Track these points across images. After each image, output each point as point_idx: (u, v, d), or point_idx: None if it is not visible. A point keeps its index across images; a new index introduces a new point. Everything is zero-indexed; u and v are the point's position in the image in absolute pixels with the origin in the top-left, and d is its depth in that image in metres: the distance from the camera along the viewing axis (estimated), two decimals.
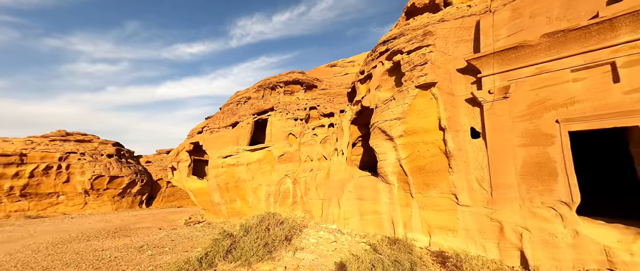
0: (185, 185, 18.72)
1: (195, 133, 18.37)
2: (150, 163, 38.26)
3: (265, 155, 14.31)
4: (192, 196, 19.01)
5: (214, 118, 18.97)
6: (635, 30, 5.30)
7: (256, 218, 9.12)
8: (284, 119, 15.26)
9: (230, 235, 7.94)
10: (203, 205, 18.50)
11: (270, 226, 8.25)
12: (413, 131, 7.61)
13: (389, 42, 11.08)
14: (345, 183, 10.57)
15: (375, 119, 8.56)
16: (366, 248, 7.51)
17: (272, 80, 18.59)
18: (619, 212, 7.41)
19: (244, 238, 7.29)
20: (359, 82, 11.87)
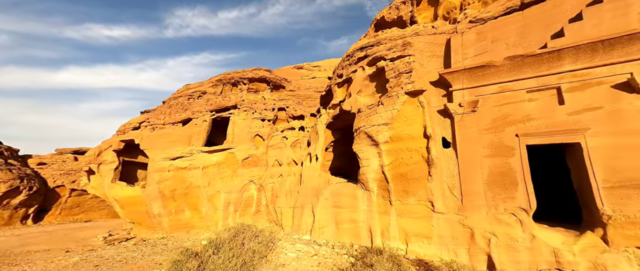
0: (109, 192, 14.77)
1: (129, 129, 14.84)
2: (46, 165, 29.03)
3: (226, 158, 12.54)
4: (117, 207, 15.11)
5: (157, 112, 15.79)
6: (575, 62, 6.78)
7: (229, 232, 7.64)
8: (250, 119, 13.85)
9: (194, 254, 6.34)
10: (132, 218, 14.89)
11: (245, 240, 6.99)
12: (399, 137, 7.81)
13: (367, 48, 11.39)
14: (320, 190, 10.07)
15: (360, 123, 8.47)
16: (351, 261, 7.13)
17: (234, 75, 16.82)
18: (559, 217, 8.44)
19: (214, 257, 5.88)
20: (337, 85, 11.76)
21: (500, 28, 8.81)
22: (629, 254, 5.78)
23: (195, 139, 13.42)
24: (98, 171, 15.20)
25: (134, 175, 17.84)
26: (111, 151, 15.51)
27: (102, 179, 15.37)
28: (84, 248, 10.90)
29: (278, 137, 13.42)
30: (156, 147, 13.24)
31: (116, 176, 15.65)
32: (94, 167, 15.31)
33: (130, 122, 15.37)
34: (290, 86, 17.92)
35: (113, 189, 14.87)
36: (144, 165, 18.57)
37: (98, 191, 15.93)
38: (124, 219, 15.84)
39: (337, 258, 7.42)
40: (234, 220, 11.99)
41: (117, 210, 15.51)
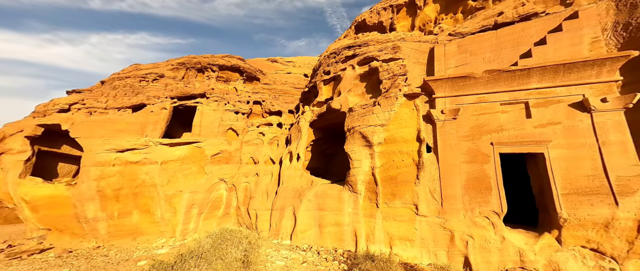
0: (16, 191, 11.25)
1: (54, 111, 11.56)
2: None
3: (191, 153, 10.77)
4: (26, 209, 11.63)
5: (95, 94, 12.72)
6: (541, 80, 7.83)
7: (210, 238, 6.30)
8: (221, 110, 12.29)
9: (170, 266, 4.98)
10: (49, 223, 11.63)
11: (230, 247, 5.86)
12: (393, 139, 7.82)
13: (355, 47, 11.32)
14: (303, 191, 9.47)
15: (355, 123, 8.21)
16: (343, 268, 6.74)
17: (201, 59, 14.82)
18: (515, 220, 9.00)
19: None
20: (323, 82, 11.34)
21: (477, 43, 9.67)
22: (575, 252, 6.83)
23: (151, 129, 11.22)
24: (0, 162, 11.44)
25: (53, 169, 14.15)
26: (21, 137, 11.88)
27: (4, 173, 11.62)
28: None
29: (254, 132, 12.25)
30: (95, 135, 10.58)
31: (27, 170, 12.07)
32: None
33: (53, 103, 12.00)
34: (265, 79, 16.71)
35: (22, 187, 11.39)
36: (70, 158, 14.94)
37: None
38: (33, 225, 12.27)
39: (328, 265, 6.94)
40: (196, 224, 10.35)
41: (23, 214, 11.95)
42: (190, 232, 10.25)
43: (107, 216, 9.76)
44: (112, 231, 9.94)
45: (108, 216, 9.76)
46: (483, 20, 10.54)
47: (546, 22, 8.84)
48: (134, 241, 9.82)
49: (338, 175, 11.91)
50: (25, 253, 9.57)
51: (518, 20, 9.70)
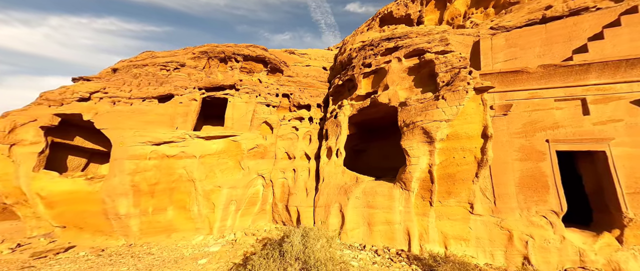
0: (31, 185, 10.41)
1: (73, 100, 10.65)
2: None
3: (227, 147, 10.23)
4: (41, 205, 10.81)
5: (116, 82, 11.81)
6: (600, 76, 7.82)
7: (298, 234, 5.84)
8: (253, 103, 11.74)
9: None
10: (68, 220, 10.88)
11: (308, 244, 5.50)
12: (456, 136, 7.65)
13: (397, 39, 11.03)
14: (349, 188, 9.20)
15: (415, 118, 7.95)
16: (416, 269, 6.55)
17: (225, 49, 14.07)
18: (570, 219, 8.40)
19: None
20: (362, 75, 10.99)
21: (526, 37, 9.54)
22: (635, 252, 6.95)
23: (181, 121, 10.57)
24: (9, 154, 10.49)
25: (62, 162, 13.23)
26: (34, 127, 10.94)
27: (15, 166, 10.71)
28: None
29: (287, 126, 11.81)
30: (124, 127, 9.84)
31: (41, 163, 11.18)
32: (2, 149, 10.50)
33: (72, 90, 11.05)
34: (288, 71, 16.13)
35: (37, 181, 10.54)
36: (80, 151, 14.00)
37: (3, 183, 11.07)
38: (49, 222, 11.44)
39: (398, 266, 6.73)
40: (233, 221, 9.92)
41: (38, 210, 11.10)
42: (227, 229, 9.82)
43: (140, 213, 9.17)
44: (145, 228, 9.36)
45: (141, 212, 9.17)
46: (528, 13, 10.44)
47: (600, 16, 8.80)
48: (169, 239, 9.30)
49: (366, 171, 11.70)
50: (50, 252, 8.86)
51: (567, 15, 9.65)
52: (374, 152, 13.81)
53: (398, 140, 13.00)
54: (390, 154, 13.22)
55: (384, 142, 13.12)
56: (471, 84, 7.17)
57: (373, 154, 13.99)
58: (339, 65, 16.74)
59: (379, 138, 13.53)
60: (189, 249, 7.69)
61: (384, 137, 13.16)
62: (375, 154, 13.82)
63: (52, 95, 11.15)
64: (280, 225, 10.53)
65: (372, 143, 14.17)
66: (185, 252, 7.36)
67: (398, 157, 13.23)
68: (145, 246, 8.54)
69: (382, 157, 13.38)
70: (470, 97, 7.21)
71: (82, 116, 10.33)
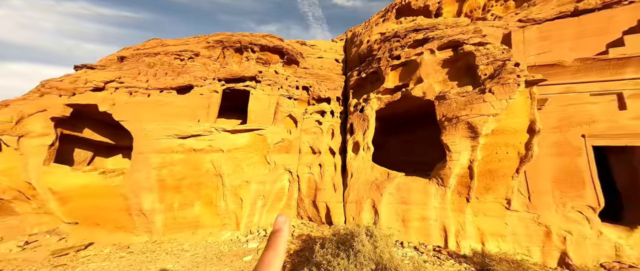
0: (42, 179, 9.85)
1: (87, 90, 9.98)
2: None
3: (253, 141, 9.87)
4: (52, 201, 10.31)
5: (131, 70, 11.13)
6: (638, 71, 7.82)
7: (343, 230, 5.62)
8: (276, 95, 11.34)
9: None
10: (82, 216, 10.43)
11: (363, 242, 5.31)
12: (502, 130, 7.54)
13: (426, 30, 10.78)
14: (381, 184, 9.07)
15: (459, 112, 7.75)
16: (469, 267, 6.51)
17: (241, 38, 13.48)
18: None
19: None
20: (390, 68, 10.72)
21: (559, 30, 9.42)
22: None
23: (203, 114, 10.10)
24: (18, 147, 9.85)
25: (68, 156, 12.61)
26: (43, 118, 10.29)
27: (23, 159, 10.09)
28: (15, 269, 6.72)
29: (310, 120, 11.50)
30: (145, 119, 9.32)
31: (51, 156, 10.58)
32: (10, 141, 9.83)
33: (84, 80, 10.35)
34: (304, 63, 15.67)
35: (49, 175, 9.99)
36: (87, 143, 13.37)
37: (9, 177, 10.46)
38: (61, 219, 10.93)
39: (449, 265, 6.66)
40: (259, 217, 9.69)
41: (49, 207, 10.57)
42: (254, 225, 9.59)
43: (165, 208, 8.80)
44: (169, 224, 9.02)
45: (167, 208, 8.80)
46: (559, 6, 10.31)
47: (635, 9, 8.74)
48: (194, 235, 9.01)
49: (385, 166, 11.58)
50: (71, 249, 8.44)
51: (600, 7, 9.55)
52: (394, 146, 13.71)
53: (422, 134, 12.98)
54: (413, 149, 13.15)
55: (406, 136, 13.02)
56: (522, 77, 7.01)
57: (392, 148, 13.89)
58: (356, 57, 16.36)
59: (399, 132, 13.41)
60: (225, 245, 7.43)
61: (407, 130, 13.05)
62: (395, 148, 13.73)
63: (62, 84, 10.42)
64: (306, 220, 10.36)
65: (391, 137, 14.05)
66: (222, 248, 7.10)
67: (421, 152, 13.20)
68: (174, 242, 8.22)
69: (403, 151, 13.31)
70: (520, 90, 7.06)
71: (97, 107, 9.72)
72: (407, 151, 12.94)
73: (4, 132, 9.63)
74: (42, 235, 11.62)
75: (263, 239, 8.29)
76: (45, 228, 12.24)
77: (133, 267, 6.08)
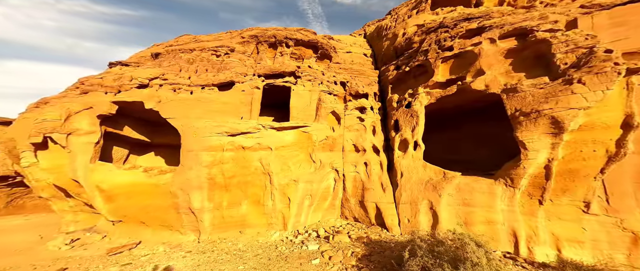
0: (90, 177, 9.90)
1: (132, 87, 9.92)
2: None
3: (298, 138, 9.52)
4: (99, 198, 10.36)
5: (172, 67, 11.00)
6: None
7: (450, 234, 5.12)
8: (316, 91, 10.91)
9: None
10: (124, 215, 10.45)
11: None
12: (591, 126, 6.77)
13: (481, 19, 9.98)
14: (438, 184, 8.49)
15: (541, 106, 6.95)
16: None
17: (276, 33, 13.09)
18: None
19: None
20: (441, 60, 10.03)
21: (633, 15, 8.39)
22: None
23: (246, 110, 9.83)
24: (67, 144, 9.94)
25: (108, 153, 12.72)
26: (89, 116, 10.34)
27: (71, 157, 10.18)
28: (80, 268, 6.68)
29: (352, 116, 11.02)
30: (191, 116, 9.14)
31: (97, 154, 10.65)
32: (59, 138, 9.93)
33: (130, 76, 10.30)
34: (336, 58, 15.14)
35: (96, 173, 10.03)
36: (123, 141, 13.47)
37: (56, 175, 10.61)
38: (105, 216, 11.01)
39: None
40: (306, 217, 9.36)
41: (95, 204, 10.63)
42: (300, 225, 9.28)
43: (214, 207, 8.61)
44: (217, 223, 8.84)
45: (215, 206, 8.61)
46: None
47: None
48: (242, 235, 8.78)
49: None
50: (124, 247, 8.43)
51: None
52: (437, 143, 13.00)
53: (469, 130, 12.21)
54: (458, 147, 12.42)
55: (453, 132, 12.30)
56: (622, 65, 6.20)
57: (435, 146, 13.18)
58: (391, 51, 15.68)
59: (445, 128, 12.69)
60: (282, 246, 7.12)
61: (453, 127, 12.33)
62: (437, 146, 13.02)
63: (106, 81, 10.42)
64: (351, 221, 9.94)
65: (433, 134, 13.32)
66: (281, 250, 6.80)
67: (467, 150, 12.46)
68: (226, 242, 8.01)
69: (447, 149, 12.60)
70: (618, 80, 6.25)
71: (142, 104, 9.65)
72: (452, 149, 12.23)
73: (54, 130, 9.73)
74: (81, 233, 11.79)
75: (317, 241, 7.93)
76: (81, 226, 12.45)
77: (202, 267, 5.86)
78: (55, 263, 7.16)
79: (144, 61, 13.39)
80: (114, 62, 13.63)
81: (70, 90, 12.53)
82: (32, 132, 10.05)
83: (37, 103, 12.00)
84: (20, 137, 10.68)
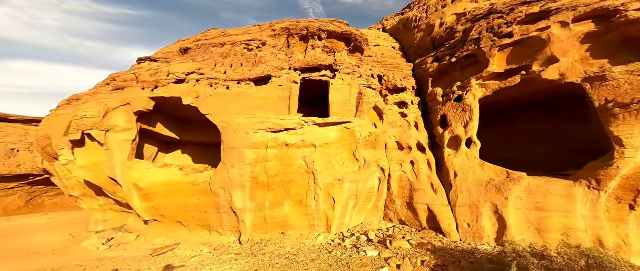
0: (127, 175, 9.73)
1: (170, 82, 9.64)
2: None
3: (341, 135, 8.92)
4: (136, 197, 10.19)
5: (208, 61, 10.66)
6: None
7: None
8: (356, 85, 10.23)
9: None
10: (161, 214, 10.23)
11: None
12: None
13: (541, 2, 8.94)
14: (504, 186, 7.62)
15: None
16: None
17: (308, 25, 12.48)
18: None
19: None
20: (498, 49, 9.08)
21: None
22: None
23: (284, 106, 9.32)
24: (106, 141, 9.81)
25: (140, 151, 12.60)
26: (125, 112, 10.17)
27: (109, 154, 10.05)
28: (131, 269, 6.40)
29: (393, 112, 10.27)
30: (230, 112, 8.75)
31: (133, 152, 10.49)
32: (98, 135, 9.82)
33: (166, 71, 10.04)
34: (368, 51, 14.39)
35: (134, 171, 9.86)
36: (154, 138, 13.36)
37: (93, 173, 10.54)
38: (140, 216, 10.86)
39: None
40: (350, 218, 8.76)
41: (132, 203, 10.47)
42: (344, 227, 8.69)
43: (256, 207, 8.18)
44: (258, 224, 8.41)
45: (257, 206, 8.17)
46: None
47: None
48: (284, 236, 8.30)
49: None
50: (168, 248, 8.18)
51: None
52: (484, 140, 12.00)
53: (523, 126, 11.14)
54: (510, 144, 11.38)
55: (505, 128, 11.27)
56: None
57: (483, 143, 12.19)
58: (427, 43, 14.73)
59: (494, 124, 11.65)
60: (337, 252, 6.55)
61: (506, 122, 11.30)
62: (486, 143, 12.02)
63: (142, 76, 10.23)
64: (396, 223, 9.24)
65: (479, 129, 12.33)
66: (337, 255, 6.23)
67: (520, 147, 11.38)
68: (272, 244, 7.54)
69: (496, 146, 11.54)
70: None
71: (179, 100, 9.36)
72: (503, 146, 11.19)
73: (93, 127, 9.63)
74: (111, 232, 11.69)
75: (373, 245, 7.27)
76: (110, 225, 12.39)
77: (271, 267, 5.40)
78: (102, 264, 6.95)
79: (172, 57, 13.20)
80: (143, 57, 13.56)
81: (101, 87, 12.53)
82: (71, 129, 10.02)
83: (68, 100, 12.05)
84: (54, 134, 10.69)
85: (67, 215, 16.50)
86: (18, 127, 20.94)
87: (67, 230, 12.59)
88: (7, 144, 19.05)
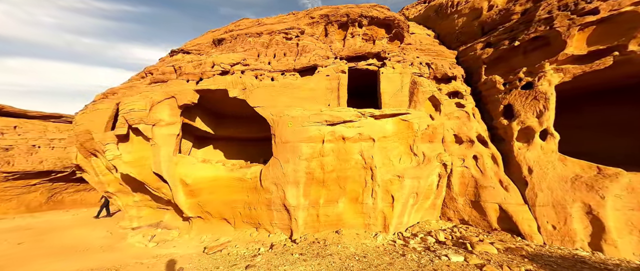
0: (174, 171, 9.59)
1: (215, 74, 9.32)
2: None
3: (397, 128, 8.24)
4: (180, 193, 10.04)
5: (251, 51, 10.25)
6: None
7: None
8: (408, 74, 9.45)
9: None
10: (206, 211, 10.04)
11: None
12: None
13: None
14: (598, 183, 6.67)
15: None
16: None
17: (349, 10, 11.75)
18: None
19: None
20: (578, 28, 7.97)
21: None
22: None
23: (333, 97, 8.75)
24: (152, 136, 9.70)
25: (177, 146, 12.47)
26: (171, 106, 10.02)
27: (155, 149, 9.95)
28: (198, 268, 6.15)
29: (449, 102, 9.41)
30: (278, 104, 8.30)
31: (177, 146, 10.36)
32: (145, 129, 9.73)
33: (211, 62, 9.74)
34: (408, 38, 13.47)
35: (180, 166, 9.71)
36: (190, 133, 13.24)
37: (138, 168, 10.50)
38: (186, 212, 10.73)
39: None
40: (408, 217, 8.12)
41: (177, 198, 10.35)
42: (402, 227, 8.08)
43: (309, 204, 7.73)
44: (310, 221, 7.97)
45: (311, 203, 7.72)
46: None
47: None
48: (338, 235, 7.79)
49: None
50: (222, 246, 7.95)
51: None
52: None
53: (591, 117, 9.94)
54: (573, 137, 10.20)
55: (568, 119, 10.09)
56: None
57: None
58: (476, 27, 13.54)
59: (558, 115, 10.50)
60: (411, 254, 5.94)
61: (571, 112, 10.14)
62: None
63: (186, 68, 10.00)
64: (457, 223, 8.50)
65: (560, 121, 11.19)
66: (413, 257, 5.63)
67: (586, 140, 10.20)
68: (333, 244, 7.05)
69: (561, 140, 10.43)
70: None
71: (225, 93, 9.03)
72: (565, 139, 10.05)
73: (141, 121, 9.53)
74: (147, 228, 11.64)
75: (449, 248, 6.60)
76: (144, 222, 12.34)
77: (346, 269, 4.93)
78: (160, 261, 6.78)
79: (204, 48, 12.96)
80: (176, 49, 13.43)
81: (135, 80, 12.50)
82: (118, 123, 10.00)
83: (104, 94, 12.08)
84: (95, 129, 10.71)
85: (89, 212, 16.74)
86: (37, 123, 20.66)
87: (91, 226, 12.72)
88: (28, 140, 18.81)
